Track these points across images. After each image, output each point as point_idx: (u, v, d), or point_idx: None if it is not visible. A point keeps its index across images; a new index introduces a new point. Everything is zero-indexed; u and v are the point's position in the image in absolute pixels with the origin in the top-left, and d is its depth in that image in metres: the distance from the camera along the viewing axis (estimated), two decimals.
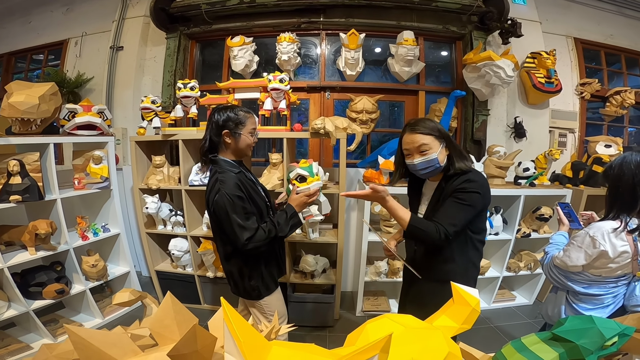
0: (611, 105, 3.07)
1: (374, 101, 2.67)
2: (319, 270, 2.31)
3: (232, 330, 0.50)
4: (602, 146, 2.61)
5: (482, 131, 2.72)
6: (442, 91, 2.86)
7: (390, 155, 2.27)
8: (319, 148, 2.88)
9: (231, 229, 1.25)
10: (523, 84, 2.80)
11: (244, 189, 1.31)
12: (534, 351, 0.76)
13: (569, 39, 3.08)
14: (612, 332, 0.74)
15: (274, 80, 2.11)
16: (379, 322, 0.63)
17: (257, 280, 1.42)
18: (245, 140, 1.35)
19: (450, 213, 1.14)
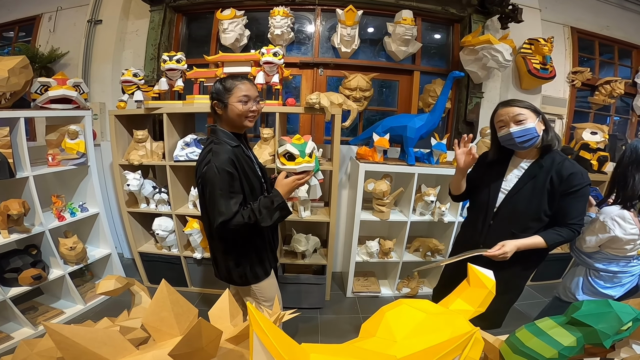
0: (600, 94, 3.12)
1: (369, 79, 2.60)
2: (310, 250, 2.28)
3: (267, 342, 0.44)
4: (589, 133, 2.65)
5: (475, 113, 2.71)
6: (437, 72, 2.82)
7: (384, 133, 2.23)
8: (310, 124, 2.80)
9: (212, 206, 1.16)
10: (518, 69, 2.81)
11: (238, 164, 1.21)
12: (551, 335, 0.74)
13: (566, 27, 3.11)
14: (629, 316, 0.74)
15: (267, 53, 2.01)
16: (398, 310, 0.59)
17: (245, 267, 1.34)
18: (234, 109, 1.24)
19: (579, 211, 1.22)
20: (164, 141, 2.22)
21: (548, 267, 2.74)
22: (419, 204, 2.27)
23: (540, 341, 0.73)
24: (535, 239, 1.23)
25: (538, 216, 1.24)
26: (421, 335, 0.50)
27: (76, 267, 2.14)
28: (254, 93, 1.27)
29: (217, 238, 1.31)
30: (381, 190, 2.14)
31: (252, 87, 1.27)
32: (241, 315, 0.70)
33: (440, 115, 2.19)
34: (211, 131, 1.29)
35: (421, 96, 2.78)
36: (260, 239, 1.36)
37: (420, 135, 2.19)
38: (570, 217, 1.21)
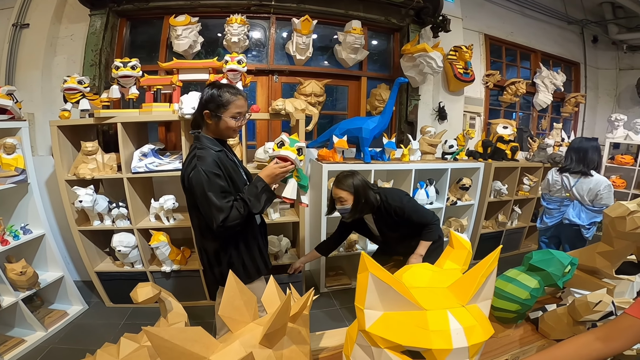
0: (507, 94, 3.74)
1: (322, 85, 2.77)
2: (283, 251, 2.37)
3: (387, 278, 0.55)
4: (501, 127, 3.19)
5: (414, 114, 3.06)
6: (381, 78, 3.11)
7: (342, 135, 2.42)
8: (266, 130, 2.86)
9: (208, 208, 1.20)
10: (446, 74, 3.21)
11: (223, 167, 1.25)
12: (520, 280, 1.03)
13: (481, 35, 3.63)
14: (566, 260, 1.04)
15: (232, 61, 2.04)
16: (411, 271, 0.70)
17: (237, 267, 1.36)
18: (226, 123, 1.29)
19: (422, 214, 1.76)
20: (117, 153, 2.11)
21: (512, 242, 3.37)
22: None
23: (514, 286, 1.00)
24: (423, 243, 1.75)
25: (409, 233, 1.77)
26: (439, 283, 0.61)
27: (28, 292, 1.94)
28: (245, 108, 1.33)
29: (213, 239, 1.33)
30: None
31: (245, 102, 1.32)
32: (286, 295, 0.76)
33: (390, 117, 2.47)
34: (195, 138, 1.32)
35: (368, 100, 3.05)
36: (252, 238, 1.40)
37: (374, 135, 2.45)
38: (424, 221, 1.74)
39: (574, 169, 2.25)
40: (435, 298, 0.58)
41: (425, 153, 2.75)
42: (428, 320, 0.52)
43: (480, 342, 0.53)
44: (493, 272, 0.60)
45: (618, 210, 1.07)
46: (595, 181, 2.17)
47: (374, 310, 0.56)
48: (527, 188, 3.16)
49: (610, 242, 1.14)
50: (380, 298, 0.56)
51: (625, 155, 4.02)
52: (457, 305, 0.56)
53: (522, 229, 3.39)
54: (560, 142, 3.41)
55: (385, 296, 0.55)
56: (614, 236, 1.11)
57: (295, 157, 1.38)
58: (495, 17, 3.72)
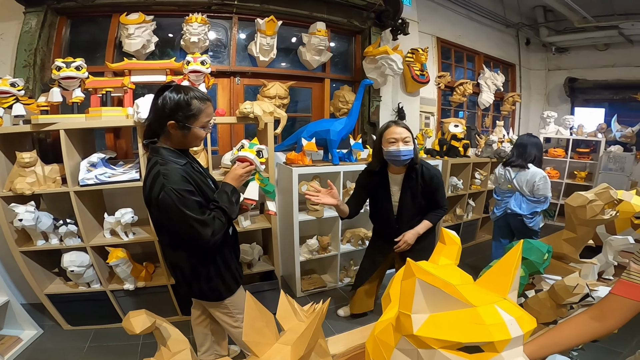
0: (456, 94, 3.99)
1: (286, 87, 2.72)
2: (256, 259, 2.30)
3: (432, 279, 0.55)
4: (453, 126, 3.41)
5: (376, 115, 3.15)
6: (344, 79, 3.14)
7: (310, 137, 2.40)
8: (229, 134, 2.75)
9: (189, 226, 1.11)
10: (404, 75, 3.34)
11: (193, 181, 1.16)
12: None
13: (434, 37, 3.81)
14: (544, 248, 1.12)
15: (194, 62, 1.92)
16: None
17: (216, 281, 1.32)
18: (196, 134, 1.18)
19: (443, 197, 1.78)
20: (60, 164, 1.90)
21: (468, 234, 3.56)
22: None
23: None
24: (425, 223, 1.76)
25: (421, 209, 1.78)
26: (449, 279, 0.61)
27: None
28: (212, 115, 1.24)
29: (189, 254, 1.25)
30: None
31: (212, 108, 1.23)
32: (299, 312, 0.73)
33: (356, 119, 2.50)
34: (152, 150, 1.19)
35: (332, 102, 3.07)
36: (227, 248, 1.35)
37: (341, 137, 2.47)
38: (440, 203, 1.77)
39: (514, 162, 2.48)
40: (476, 294, 0.60)
41: None
42: (482, 316, 0.54)
43: (531, 329, 0.56)
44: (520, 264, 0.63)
45: (578, 200, 1.21)
46: (531, 173, 2.40)
47: (420, 314, 0.58)
48: (479, 182, 3.44)
49: (573, 229, 1.28)
50: (427, 301, 0.57)
51: (557, 149, 4.54)
52: (500, 298, 0.59)
53: (476, 220, 3.68)
54: (503, 138, 3.73)
55: (433, 298, 0.57)
56: (576, 224, 1.25)
57: (254, 157, 1.42)
58: (447, 21, 3.93)
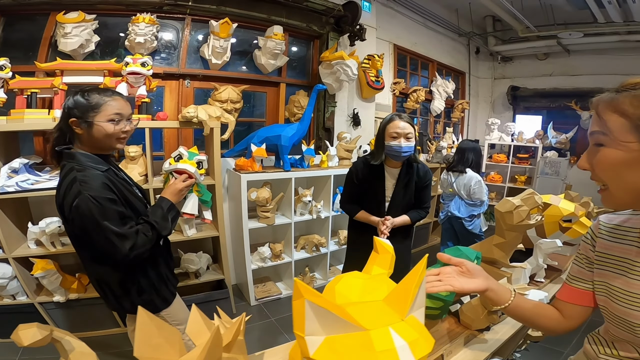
0: (410, 101, 4.11)
1: (239, 91, 2.64)
2: (204, 268, 2.21)
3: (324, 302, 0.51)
4: None
5: (331, 120, 3.15)
6: (300, 84, 3.10)
7: (260, 143, 2.35)
8: (176, 139, 2.61)
9: (106, 239, 1.02)
10: (359, 81, 3.36)
11: (116, 190, 1.08)
12: None
13: (391, 44, 3.87)
14: (473, 255, 1.10)
15: (134, 63, 1.81)
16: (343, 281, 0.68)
17: (150, 294, 1.22)
18: (102, 129, 1.07)
19: (429, 197, 1.76)
20: None
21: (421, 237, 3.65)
22: (298, 205, 2.54)
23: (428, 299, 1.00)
24: (404, 217, 1.68)
25: (409, 206, 1.72)
26: (372, 292, 0.62)
27: None
28: (127, 111, 1.13)
29: (114, 269, 1.15)
30: (264, 197, 2.28)
31: (125, 103, 1.13)
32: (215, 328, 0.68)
33: (309, 124, 2.48)
34: (66, 156, 1.08)
35: (287, 106, 3.02)
36: (159, 258, 1.27)
37: (293, 142, 2.43)
38: (424, 202, 1.74)
39: (453, 167, 2.59)
40: (374, 314, 0.58)
41: (342, 158, 2.85)
42: (373, 341, 0.52)
43: (426, 354, 0.54)
44: (424, 280, 0.62)
45: (506, 206, 1.23)
46: (468, 177, 2.53)
47: (315, 336, 0.54)
48: None
49: (502, 235, 1.30)
50: (320, 323, 0.53)
51: (500, 154, 4.83)
52: (397, 319, 0.57)
53: (428, 224, 3.81)
54: (452, 145, 3.91)
55: (325, 321, 0.53)
56: (504, 229, 1.27)
57: (194, 170, 1.34)
58: (404, 28, 4.00)
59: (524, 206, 1.21)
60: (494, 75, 5.75)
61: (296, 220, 2.51)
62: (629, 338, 0.70)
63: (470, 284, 0.76)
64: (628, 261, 0.66)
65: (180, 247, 2.22)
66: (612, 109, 0.54)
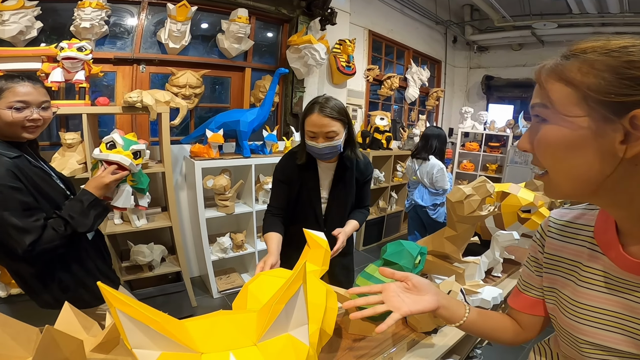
0: (384, 87, 3.98)
1: (199, 76, 2.47)
2: (157, 260, 2.07)
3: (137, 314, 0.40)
4: (379, 119, 3.40)
5: (299, 106, 3.00)
6: (267, 69, 2.94)
7: (218, 129, 2.20)
8: (130, 126, 2.42)
9: (5, 232, 0.93)
10: (330, 66, 3.22)
11: (25, 178, 0.97)
12: (377, 277, 0.92)
13: (365, 30, 3.70)
14: (415, 251, 0.98)
15: (69, 48, 1.66)
16: (258, 281, 0.61)
17: (76, 290, 1.11)
18: (1, 117, 0.96)
19: (369, 194, 1.47)
20: None
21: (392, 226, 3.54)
22: (260, 193, 2.40)
23: (372, 283, 0.89)
24: (354, 223, 1.36)
25: (350, 206, 1.41)
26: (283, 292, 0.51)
27: None
28: (36, 98, 1.00)
29: (28, 263, 1.03)
30: (221, 185, 2.14)
31: (34, 90, 1.00)
32: (97, 326, 0.60)
33: (270, 109, 2.33)
34: None
35: (252, 92, 2.85)
36: (85, 252, 1.14)
37: (252, 128, 2.28)
38: (365, 201, 1.44)
39: (417, 154, 2.48)
40: (226, 332, 0.46)
41: None
42: None
43: None
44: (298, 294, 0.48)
45: (456, 195, 1.06)
46: (430, 165, 2.42)
47: (146, 350, 0.42)
48: (400, 174, 3.48)
49: (453, 227, 1.13)
50: (146, 336, 0.41)
51: (472, 143, 4.80)
52: (249, 342, 0.45)
53: (399, 212, 3.75)
54: None
55: (150, 334, 0.41)
56: (455, 220, 1.11)
57: (130, 162, 1.15)
58: (380, 14, 3.84)
59: (475, 195, 1.06)
60: (470, 65, 5.68)
61: (258, 209, 2.37)
62: (574, 355, 0.59)
63: (419, 305, 0.66)
64: (578, 265, 0.55)
65: (130, 239, 2.05)
66: (555, 77, 0.42)
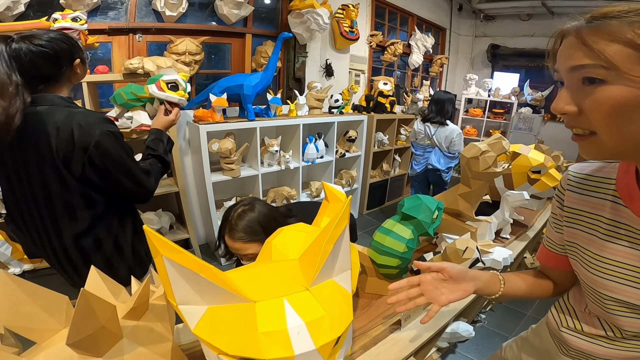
0: (387, 54, 3.83)
1: (198, 43, 2.36)
2: (166, 227, 2.05)
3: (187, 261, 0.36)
4: (382, 84, 3.27)
5: (302, 70, 2.90)
6: (268, 35, 2.82)
7: (221, 93, 2.12)
8: None
9: (133, 176, 0.91)
10: (333, 32, 3.09)
11: None
12: (396, 232, 0.90)
13: None
14: (433, 205, 0.95)
15: (63, 19, 1.58)
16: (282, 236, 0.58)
17: (142, 255, 1.05)
18: None
19: None
20: None
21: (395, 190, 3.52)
22: (265, 155, 2.35)
23: (392, 239, 0.88)
24: None
25: None
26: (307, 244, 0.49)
27: None
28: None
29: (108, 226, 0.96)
30: (227, 148, 2.08)
31: None
32: (125, 292, 0.58)
33: (273, 73, 2.24)
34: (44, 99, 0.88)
35: (253, 58, 2.75)
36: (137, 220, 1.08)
37: (256, 92, 2.20)
38: None
39: (433, 118, 2.42)
40: (274, 280, 0.42)
41: (313, 108, 2.65)
42: (257, 318, 0.36)
43: (331, 340, 0.38)
44: (344, 235, 0.45)
45: (472, 151, 1.06)
46: (449, 130, 2.38)
47: (193, 305, 0.38)
48: (404, 137, 3.40)
49: (467, 183, 1.12)
50: (193, 288, 0.37)
51: (476, 109, 4.66)
52: (300, 288, 0.41)
53: (403, 175, 3.69)
54: (428, 97, 3.69)
55: (198, 286, 0.37)
56: (470, 177, 1.10)
57: (185, 101, 1.20)
58: None
59: (490, 152, 1.04)
60: (475, 33, 5.45)
61: (264, 172, 2.32)
62: (598, 312, 0.57)
63: (456, 293, 0.66)
64: (600, 218, 0.53)
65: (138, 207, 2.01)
66: (607, 38, 0.39)
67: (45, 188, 0.86)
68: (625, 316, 0.52)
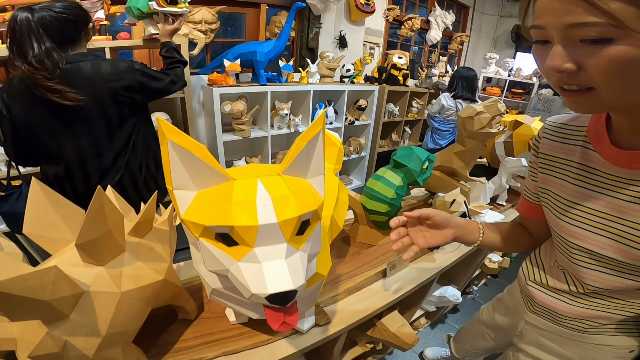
0: (404, 28, 3.72)
1: (214, 12, 2.40)
2: None
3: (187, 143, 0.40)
4: (397, 57, 3.21)
5: (315, 41, 2.89)
6: (283, 5, 2.81)
7: (235, 58, 2.17)
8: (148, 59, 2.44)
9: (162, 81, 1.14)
10: (348, 3, 3.03)
11: None
12: (387, 178, 0.96)
13: None
14: (423, 155, 1.00)
15: None
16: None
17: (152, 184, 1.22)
18: None
19: None
20: None
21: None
22: (275, 118, 2.40)
23: (382, 184, 0.94)
24: None
25: None
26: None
27: None
28: None
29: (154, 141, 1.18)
30: (238, 109, 2.15)
31: None
32: (133, 213, 0.62)
33: (286, 42, 2.27)
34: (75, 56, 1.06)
35: (268, 27, 2.76)
36: None
37: (269, 58, 2.24)
38: None
39: (465, 95, 2.42)
40: (253, 169, 0.47)
41: (324, 76, 2.65)
42: (233, 192, 0.41)
43: (293, 216, 0.41)
44: (318, 139, 0.48)
45: (468, 111, 1.10)
46: None
47: (186, 191, 0.43)
48: (416, 110, 3.34)
49: (462, 142, 1.17)
50: (187, 172, 0.42)
51: (494, 88, 4.47)
52: (273, 173, 0.45)
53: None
54: (444, 73, 3.58)
55: (192, 169, 0.42)
56: (465, 136, 1.14)
57: (187, 11, 1.38)
58: None
59: (485, 113, 1.08)
60: (501, 13, 5.15)
61: (273, 134, 2.38)
62: (565, 263, 0.58)
63: (436, 238, 0.67)
64: (571, 164, 0.54)
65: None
66: None
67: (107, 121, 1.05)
68: (588, 268, 0.53)
